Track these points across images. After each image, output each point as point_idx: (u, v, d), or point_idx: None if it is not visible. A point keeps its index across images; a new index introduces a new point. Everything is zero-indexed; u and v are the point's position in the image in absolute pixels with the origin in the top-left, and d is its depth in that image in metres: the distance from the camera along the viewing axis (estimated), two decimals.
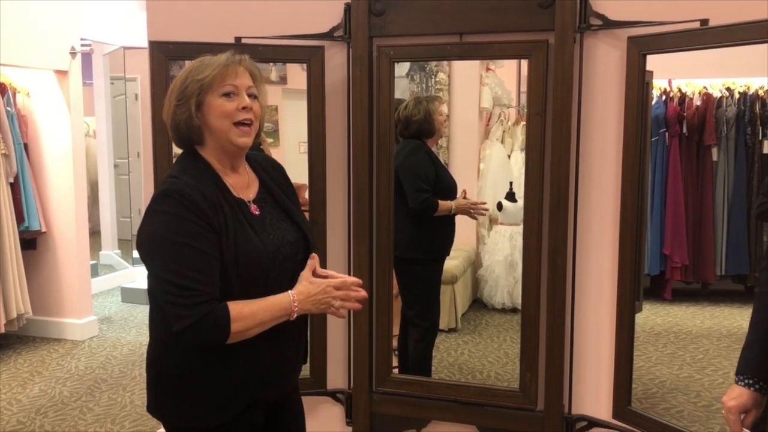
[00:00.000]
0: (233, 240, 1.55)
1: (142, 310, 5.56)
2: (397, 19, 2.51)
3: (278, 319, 1.58)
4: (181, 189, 1.52)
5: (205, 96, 1.58)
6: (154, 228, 1.53)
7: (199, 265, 1.49)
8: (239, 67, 1.61)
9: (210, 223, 1.52)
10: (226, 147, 1.62)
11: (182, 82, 1.59)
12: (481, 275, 3.89)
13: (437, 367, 3.29)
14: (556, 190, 2.41)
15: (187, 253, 1.49)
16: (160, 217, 1.52)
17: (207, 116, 1.59)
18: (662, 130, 3.35)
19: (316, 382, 2.76)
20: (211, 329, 1.49)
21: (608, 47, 2.38)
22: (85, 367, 4.31)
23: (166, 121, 1.63)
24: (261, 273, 1.59)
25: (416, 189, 3.01)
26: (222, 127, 1.59)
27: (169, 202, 1.51)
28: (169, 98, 1.62)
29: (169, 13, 2.79)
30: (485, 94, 3.78)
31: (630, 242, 2.37)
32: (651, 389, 2.66)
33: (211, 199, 1.54)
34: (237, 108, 1.59)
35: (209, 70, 1.58)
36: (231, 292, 1.55)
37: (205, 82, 1.57)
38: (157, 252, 1.52)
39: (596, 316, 2.50)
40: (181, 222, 1.50)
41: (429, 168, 3.12)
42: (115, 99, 6.36)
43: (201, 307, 1.48)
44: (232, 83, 1.59)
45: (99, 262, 6.30)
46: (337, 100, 2.67)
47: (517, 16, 2.39)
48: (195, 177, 1.57)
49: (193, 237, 1.49)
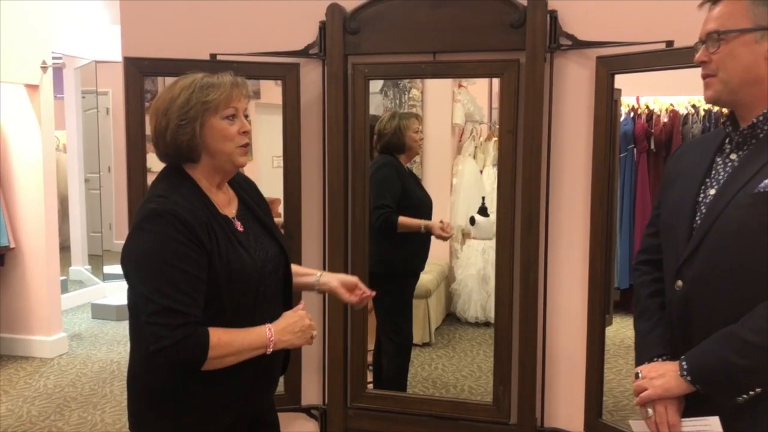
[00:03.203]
0: (225, 258, 1.56)
1: (112, 326, 5.48)
2: (372, 37, 2.55)
3: (256, 351, 1.59)
4: (173, 210, 1.52)
5: (208, 118, 1.59)
6: (142, 246, 1.52)
7: (185, 286, 1.49)
8: (240, 91, 1.63)
9: (200, 244, 1.52)
10: (224, 167, 1.64)
11: (185, 101, 1.57)
12: (454, 289, 3.92)
13: (411, 381, 3.30)
14: (527, 206, 2.45)
15: (174, 275, 1.49)
16: (149, 236, 1.51)
17: (208, 137, 1.59)
18: (631, 146, 3.43)
19: (290, 398, 2.75)
20: (189, 352, 1.49)
21: (578, 66, 2.44)
22: (54, 385, 4.23)
23: (160, 137, 1.61)
24: (251, 289, 1.61)
25: (376, 205, 2.95)
26: (226, 149, 1.61)
27: (160, 222, 1.51)
28: (165, 115, 1.59)
29: (143, 29, 2.79)
30: (457, 110, 3.83)
31: (600, 256, 2.42)
32: (622, 402, 2.70)
33: (202, 219, 1.55)
34: (239, 131, 1.62)
35: (216, 92, 1.58)
36: (224, 308, 1.56)
37: (212, 105, 1.58)
38: (143, 270, 1.52)
39: (568, 329, 2.54)
40: (171, 243, 1.50)
41: (394, 184, 3.11)
42: (86, 113, 6.29)
43: (182, 329, 1.48)
44: (234, 106, 1.61)
45: (69, 277, 6.20)
46: (312, 117, 2.69)
47: (489, 35, 2.44)
48: (184, 196, 1.57)
49: (181, 259, 1.50)
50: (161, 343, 1.47)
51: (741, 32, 1.36)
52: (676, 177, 1.55)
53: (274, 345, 1.60)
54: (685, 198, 1.47)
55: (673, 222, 1.49)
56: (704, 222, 1.41)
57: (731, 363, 1.32)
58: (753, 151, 1.40)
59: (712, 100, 1.43)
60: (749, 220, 1.33)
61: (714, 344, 1.36)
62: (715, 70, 1.39)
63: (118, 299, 5.67)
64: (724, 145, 1.47)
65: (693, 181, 1.47)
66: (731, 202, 1.36)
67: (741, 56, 1.36)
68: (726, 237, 1.36)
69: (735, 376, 1.34)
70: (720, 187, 1.41)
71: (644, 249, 1.65)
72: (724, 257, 1.36)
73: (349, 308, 2.67)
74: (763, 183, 1.32)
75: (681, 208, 1.47)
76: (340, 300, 1.97)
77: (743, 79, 1.37)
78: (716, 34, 1.38)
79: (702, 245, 1.40)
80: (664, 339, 1.51)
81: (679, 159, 1.59)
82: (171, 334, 1.47)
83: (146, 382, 1.62)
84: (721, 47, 1.37)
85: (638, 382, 1.47)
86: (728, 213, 1.36)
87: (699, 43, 1.43)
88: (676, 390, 1.41)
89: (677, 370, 1.41)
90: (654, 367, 1.46)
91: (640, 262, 1.64)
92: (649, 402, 1.45)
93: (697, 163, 1.50)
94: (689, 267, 1.42)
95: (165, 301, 1.47)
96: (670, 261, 1.49)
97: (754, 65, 1.36)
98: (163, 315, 1.47)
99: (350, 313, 2.68)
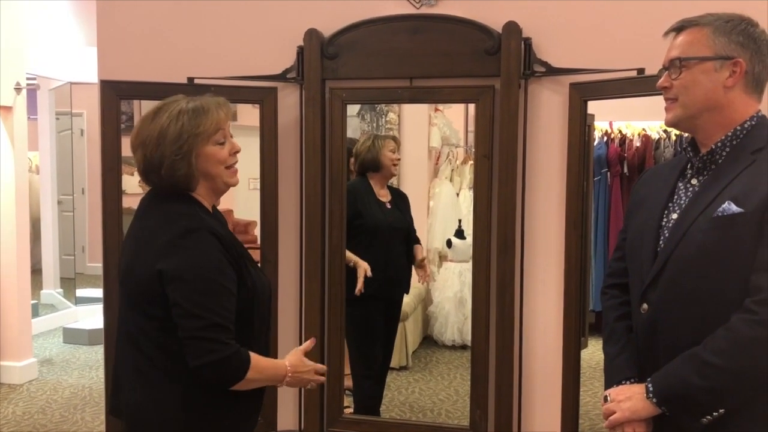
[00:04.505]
0: (251, 275, 1.61)
1: (84, 351, 5.38)
2: (349, 62, 2.57)
3: (272, 381, 1.65)
4: (209, 226, 1.55)
5: (202, 147, 1.60)
6: (184, 262, 1.52)
7: (226, 302, 1.52)
8: (227, 111, 1.65)
9: (234, 261, 1.56)
10: (219, 188, 1.67)
11: (178, 134, 1.56)
12: (431, 312, 3.93)
13: (388, 405, 3.28)
14: (503, 229, 2.48)
15: (218, 289, 1.51)
16: (189, 251, 1.52)
17: (203, 164, 1.61)
18: (604, 169, 3.47)
19: (266, 423, 2.72)
20: (233, 369, 1.51)
21: (551, 93, 2.48)
22: (23, 412, 4.14)
23: (153, 171, 1.59)
24: (266, 307, 1.68)
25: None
26: (218, 172, 1.63)
27: (197, 238, 1.53)
28: (158, 148, 1.57)
29: (120, 52, 2.79)
30: (434, 133, 3.87)
31: (575, 279, 2.45)
32: (598, 424, 2.71)
33: (227, 236, 1.58)
34: (230, 153, 1.65)
35: (206, 120, 1.59)
36: (249, 326, 1.60)
37: (204, 134, 1.59)
38: (187, 286, 1.51)
39: (544, 352, 2.56)
40: (211, 258, 1.52)
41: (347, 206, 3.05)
42: (60, 134, 6.23)
43: (229, 346, 1.50)
44: (222, 129, 1.63)
45: (40, 301, 6.08)
46: (290, 140, 2.70)
47: (465, 62, 2.48)
48: (205, 214, 1.61)
49: (221, 274, 1.52)
50: (208, 358, 1.48)
51: (702, 60, 1.41)
52: (640, 202, 1.58)
53: (288, 383, 1.66)
54: (649, 222, 1.50)
55: (638, 246, 1.52)
56: (667, 246, 1.44)
57: (693, 384, 1.34)
58: (712, 176, 1.44)
59: (672, 123, 1.48)
60: (709, 243, 1.37)
61: (677, 366, 1.38)
62: (675, 95, 1.44)
63: (90, 323, 5.58)
64: (686, 170, 1.51)
65: (656, 205, 1.51)
66: (692, 227, 1.40)
67: (701, 83, 1.41)
68: (687, 260, 1.39)
69: (697, 398, 1.36)
70: (682, 211, 1.45)
71: (611, 273, 1.67)
72: (686, 280, 1.40)
73: (326, 332, 2.66)
74: (721, 207, 1.36)
75: (645, 233, 1.50)
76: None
77: (703, 105, 1.42)
78: (678, 61, 1.43)
79: (665, 269, 1.43)
80: (631, 362, 1.53)
81: (643, 184, 1.63)
82: (218, 348, 1.48)
83: (155, 410, 1.58)
84: (682, 74, 1.42)
85: (607, 406, 1.49)
86: (689, 237, 1.40)
87: (662, 69, 1.48)
88: (643, 412, 1.43)
89: (644, 393, 1.43)
90: (621, 390, 1.48)
91: (608, 286, 1.67)
92: (617, 425, 1.46)
93: (660, 188, 1.54)
94: (654, 290, 1.45)
95: (212, 316, 1.49)
96: (636, 284, 1.52)
97: (713, 92, 1.41)
98: (211, 330, 1.48)
99: (327, 336, 2.67)
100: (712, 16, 1.44)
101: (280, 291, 2.69)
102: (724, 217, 1.35)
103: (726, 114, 1.42)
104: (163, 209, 1.61)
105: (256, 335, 1.64)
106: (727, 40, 1.40)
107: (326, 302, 2.67)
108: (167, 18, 2.77)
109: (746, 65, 1.40)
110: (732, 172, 1.40)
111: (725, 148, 1.43)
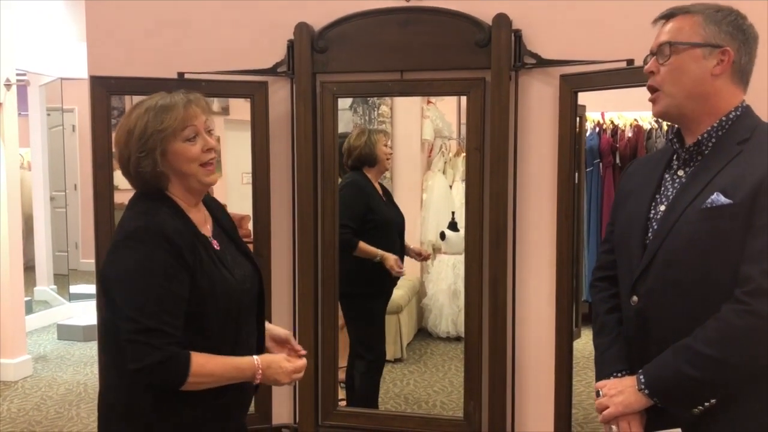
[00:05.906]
0: (208, 276, 1.55)
1: (79, 347, 5.38)
2: (340, 56, 2.57)
3: (236, 380, 1.59)
4: (159, 227, 1.51)
5: (168, 144, 1.56)
6: (127, 264, 1.50)
7: (169, 305, 1.48)
8: (196, 108, 1.59)
9: (185, 263, 1.51)
10: (194, 187, 1.62)
11: (142, 132, 1.54)
12: (425, 304, 3.94)
13: (383, 398, 3.30)
14: (495, 221, 2.49)
15: (159, 293, 1.47)
16: (134, 253, 1.49)
17: (173, 162, 1.57)
18: (596, 160, 3.48)
19: (261, 416, 2.73)
20: (171, 373, 1.48)
21: (542, 84, 2.49)
22: (18, 409, 4.13)
23: (124, 169, 1.59)
24: (234, 307, 1.61)
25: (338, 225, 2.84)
26: (190, 170, 1.58)
27: (146, 240, 1.49)
28: (127, 146, 1.56)
29: (110, 47, 2.78)
30: (426, 126, 3.87)
31: (567, 269, 2.46)
32: (591, 414, 2.72)
33: (186, 237, 1.54)
34: (202, 150, 1.59)
35: (170, 117, 1.55)
36: (204, 328, 1.55)
37: (169, 131, 1.55)
38: (127, 289, 1.49)
39: (537, 342, 2.57)
40: (157, 261, 1.48)
41: (356, 203, 3.05)
42: (51, 130, 6.20)
43: (165, 350, 1.46)
44: (192, 125, 1.58)
45: (33, 298, 6.07)
46: (281, 134, 2.70)
47: (456, 54, 2.48)
48: (168, 215, 1.56)
49: (167, 278, 1.48)
50: (142, 362, 1.46)
51: (692, 46, 1.41)
52: (628, 194, 1.58)
53: (262, 380, 1.61)
54: (637, 214, 1.50)
55: (627, 238, 1.53)
56: (656, 238, 1.44)
57: (685, 375, 1.35)
58: (699, 168, 1.44)
59: (660, 114, 1.48)
60: (698, 235, 1.37)
61: (669, 357, 1.39)
62: (660, 84, 1.44)
63: (84, 320, 5.57)
64: (672, 161, 1.51)
65: (644, 197, 1.51)
66: (680, 218, 1.40)
67: (689, 70, 1.41)
68: (676, 252, 1.40)
69: (689, 388, 1.36)
70: (669, 203, 1.45)
71: (600, 265, 1.67)
72: (676, 272, 1.40)
73: (320, 325, 2.67)
74: (709, 199, 1.36)
75: (633, 225, 1.50)
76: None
77: (690, 93, 1.42)
78: (668, 45, 1.42)
79: (654, 260, 1.43)
80: (621, 355, 1.54)
81: (630, 176, 1.63)
82: (153, 353, 1.45)
83: (121, 404, 1.59)
84: (671, 59, 1.42)
85: (599, 400, 1.50)
86: (678, 229, 1.40)
87: (649, 55, 1.48)
88: (636, 405, 1.44)
89: (635, 385, 1.43)
90: (613, 384, 1.49)
91: (597, 279, 1.67)
92: (612, 419, 1.47)
93: (647, 179, 1.53)
94: (643, 282, 1.45)
95: (148, 320, 1.46)
96: (625, 277, 1.52)
97: (701, 80, 1.41)
98: (146, 334, 1.46)
99: (321, 330, 2.67)
100: (702, 4, 1.45)
101: (273, 286, 2.69)
102: (713, 208, 1.35)
103: (712, 102, 1.42)
104: (131, 207, 1.61)
105: (216, 338, 1.57)
106: (717, 29, 1.40)
107: (319, 296, 2.67)
108: (157, 13, 2.76)
109: (734, 55, 1.40)
110: (718, 163, 1.40)
111: (711, 138, 1.43)
